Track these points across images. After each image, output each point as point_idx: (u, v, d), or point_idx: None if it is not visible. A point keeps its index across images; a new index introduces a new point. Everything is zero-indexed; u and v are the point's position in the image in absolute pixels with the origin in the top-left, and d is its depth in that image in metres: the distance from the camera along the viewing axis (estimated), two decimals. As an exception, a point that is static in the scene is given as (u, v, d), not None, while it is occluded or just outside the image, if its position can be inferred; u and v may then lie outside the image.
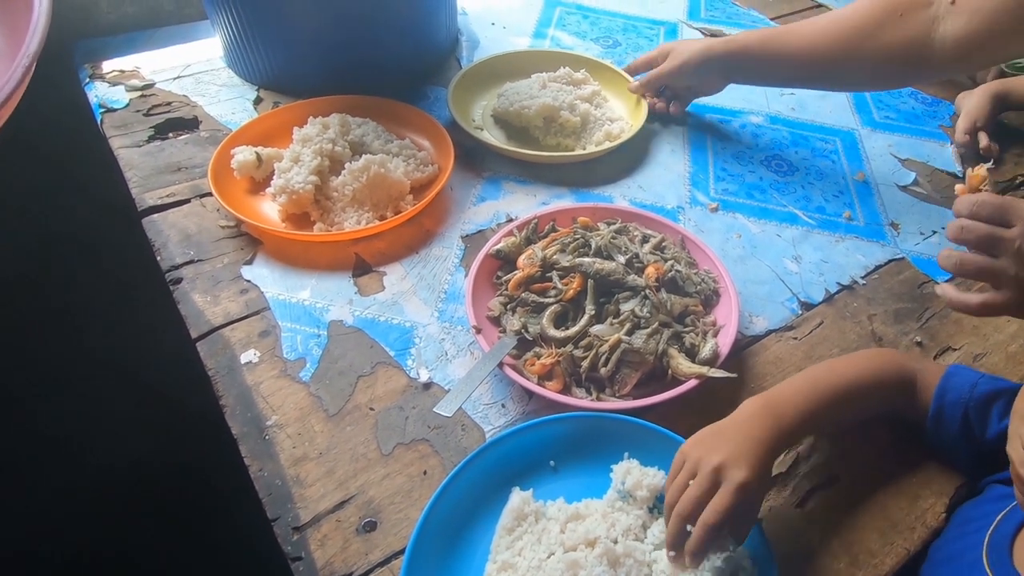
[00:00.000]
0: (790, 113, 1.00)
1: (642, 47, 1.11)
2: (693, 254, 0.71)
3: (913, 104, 1.06)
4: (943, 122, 1.02)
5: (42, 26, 0.42)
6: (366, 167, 0.69)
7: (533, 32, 1.10)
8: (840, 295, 0.73)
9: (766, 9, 1.27)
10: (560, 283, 0.64)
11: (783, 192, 0.85)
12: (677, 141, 0.92)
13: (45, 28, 0.42)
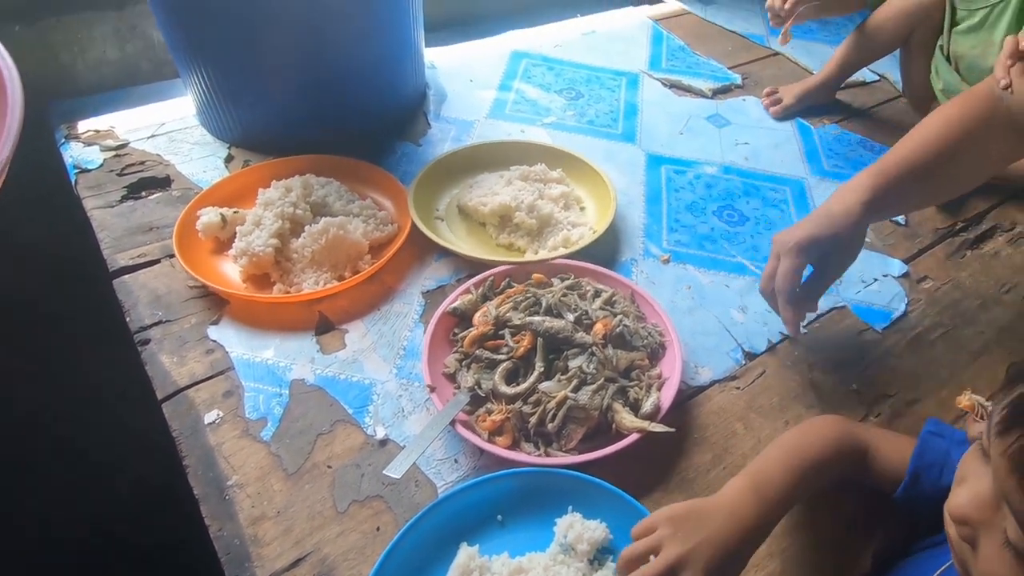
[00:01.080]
0: (743, 163, 1.06)
1: (604, 98, 1.17)
2: (642, 308, 0.76)
3: (861, 152, 1.12)
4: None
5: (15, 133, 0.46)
6: (325, 229, 0.74)
7: (499, 85, 1.17)
8: (782, 344, 0.78)
9: (725, 58, 1.34)
10: (512, 341, 0.68)
11: (733, 242, 0.91)
12: (635, 192, 0.98)
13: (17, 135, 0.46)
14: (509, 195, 0.84)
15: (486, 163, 0.94)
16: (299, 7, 0.83)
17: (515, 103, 1.13)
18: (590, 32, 1.36)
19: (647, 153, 1.05)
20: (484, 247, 0.84)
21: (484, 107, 1.11)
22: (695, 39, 1.40)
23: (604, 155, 1.03)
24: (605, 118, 1.12)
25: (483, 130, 1.06)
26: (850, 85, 1.27)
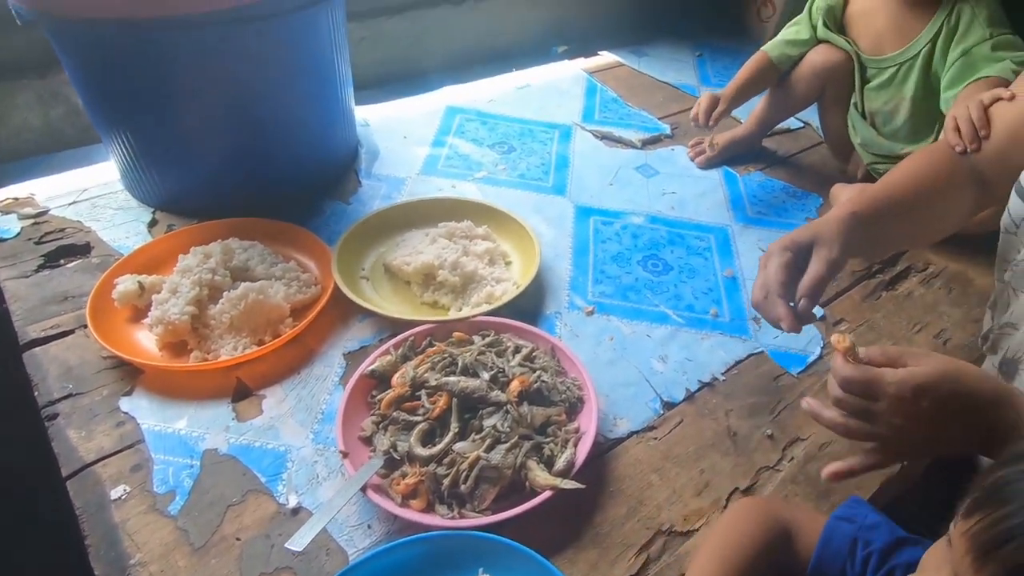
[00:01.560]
0: (670, 212, 1.13)
1: (536, 151, 1.24)
2: (562, 362, 0.80)
3: (784, 198, 1.21)
4: (810, 214, 1.16)
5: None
6: (244, 295, 0.77)
7: (433, 141, 1.23)
8: (701, 392, 0.82)
9: (656, 109, 1.43)
10: (428, 402, 0.71)
11: (656, 292, 0.96)
12: (563, 244, 1.03)
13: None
14: (433, 253, 0.88)
15: (413, 221, 0.99)
16: (220, 72, 0.88)
17: (448, 158, 1.19)
18: (525, 86, 1.45)
19: (576, 205, 1.11)
20: (408, 305, 0.88)
21: (417, 163, 1.17)
22: (628, 91, 1.50)
23: (534, 208, 1.09)
24: (536, 171, 1.19)
25: (414, 186, 1.11)
26: (775, 132, 1.36)
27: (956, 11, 1.00)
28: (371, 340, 0.83)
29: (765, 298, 0.71)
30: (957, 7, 1.00)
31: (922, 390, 0.54)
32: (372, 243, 0.95)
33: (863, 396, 0.57)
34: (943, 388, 0.55)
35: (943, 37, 1.01)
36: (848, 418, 0.59)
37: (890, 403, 0.55)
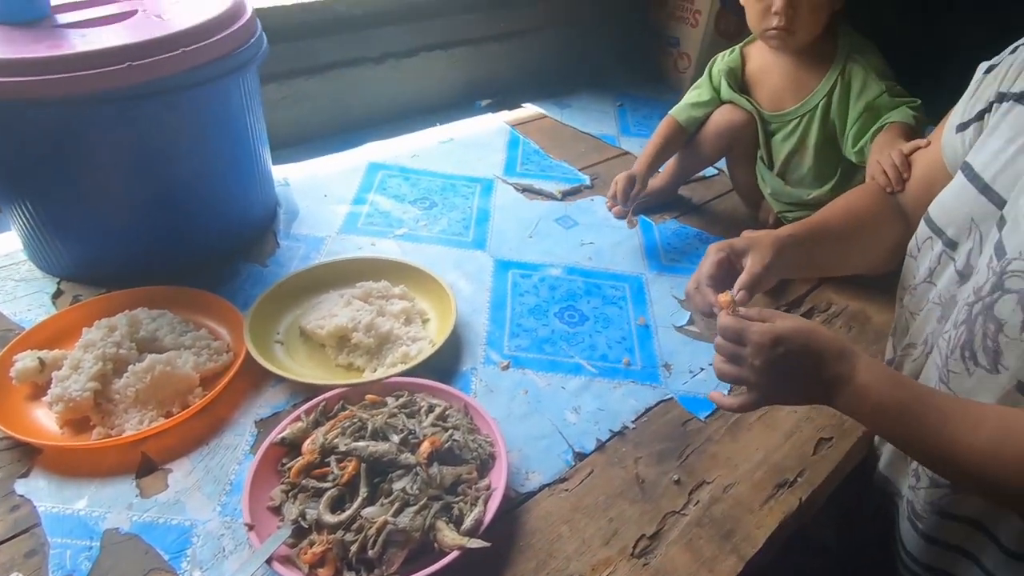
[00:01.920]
0: (587, 263, 1.19)
1: (457, 206, 1.30)
2: (475, 419, 0.84)
3: (698, 245, 1.29)
4: (718, 260, 1.25)
5: None
6: (150, 367, 0.78)
7: (354, 199, 1.27)
8: (611, 442, 0.87)
9: (577, 160, 1.52)
10: (337, 467, 0.74)
11: (572, 343, 1.02)
12: (481, 299, 1.08)
13: None
14: (347, 316, 0.92)
15: (330, 282, 1.02)
16: (126, 143, 0.90)
17: (368, 216, 1.24)
18: (448, 140, 1.52)
19: (496, 259, 1.17)
20: (323, 368, 0.91)
21: (337, 222, 1.21)
22: (550, 142, 1.58)
23: (453, 264, 1.14)
24: (457, 226, 1.24)
25: (334, 246, 1.15)
26: (691, 180, 1.46)
27: (847, 68, 1.14)
28: (284, 406, 0.85)
29: (696, 289, 0.83)
30: (847, 65, 1.14)
31: (779, 339, 0.67)
32: (288, 306, 0.98)
33: (734, 343, 0.70)
34: (796, 340, 0.67)
35: (839, 91, 1.14)
36: (723, 363, 0.72)
37: (753, 348, 0.68)
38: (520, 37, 1.77)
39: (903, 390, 0.65)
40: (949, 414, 0.63)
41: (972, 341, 0.69)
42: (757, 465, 0.87)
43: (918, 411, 0.64)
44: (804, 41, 1.13)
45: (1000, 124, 0.74)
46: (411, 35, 1.52)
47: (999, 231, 0.69)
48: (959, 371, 0.71)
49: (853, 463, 0.94)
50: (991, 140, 0.74)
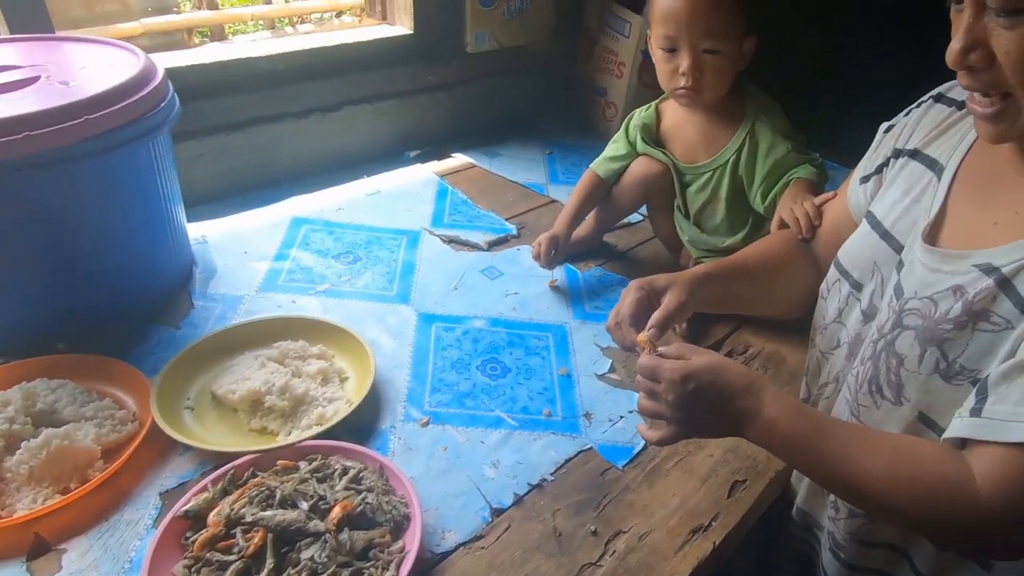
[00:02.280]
0: (511, 314, 1.23)
1: (382, 259, 1.33)
2: (390, 480, 0.85)
3: (621, 291, 1.35)
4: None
5: None
6: (46, 442, 0.77)
7: (275, 255, 1.29)
8: (530, 495, 0.90)
9: (505, 210, 1.58)
10: (243, 539, 0.74)
11: (493, 396, 1.05)
12: (403, 355, 1.10)
13: None
14: (261, 379, 0.93)
15: (245, 343, 1.03)
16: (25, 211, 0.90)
17: (290, 272, 1.25)
18: (375, 192, 1.55)
19: (419, 313, 1.20)
20: (235, 434, 0.91)
21: (256, 280, 1.22)
22: (479, 192, 1.64)
23: (376, 319, 1.16)
24: (381, 280, 1.27)
25: (252, 305, 1.16)
26: (616, 228, 1.54)
27: (755, 127, 1.24)
28: (191, 475, 0.85)
29: (617, 325, 0.93)
30: (755, 124, 1.24)
31: (689, 376, 0.73)
32: (200, 370, 0.98)
33: (651, 380, 0.77)
34: (705, 376, 0.73)
35: (747, 148, 1.24)
36: (643, 399, 0.79)
37: (666, 384, 0.74)
38: (449, 89, 1.84)
39: (807, 421, 0.71)
40: (849, 443, 0.69)
41: (877, 376, 0.77)
42: (673, 511, 0.91)
43: (820, 441, 0.70)
44: (711, 100, 1.23)
45: (897, 177, 0.84)
46: (336, 90, 1.57)
47: (898, 273, 0.77)
48: (868, 404, 0.79)
49: (768, 503, 0.99)
50: (890, 191, 0.84)
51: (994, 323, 0.65)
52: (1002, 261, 0.65)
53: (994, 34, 0.61)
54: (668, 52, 1.19)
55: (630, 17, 1.85)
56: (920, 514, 0.65)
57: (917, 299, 0.72)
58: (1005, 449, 0.60)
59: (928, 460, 0.65)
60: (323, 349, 1.03)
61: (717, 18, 1.13)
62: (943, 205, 0.76)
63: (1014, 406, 0.60)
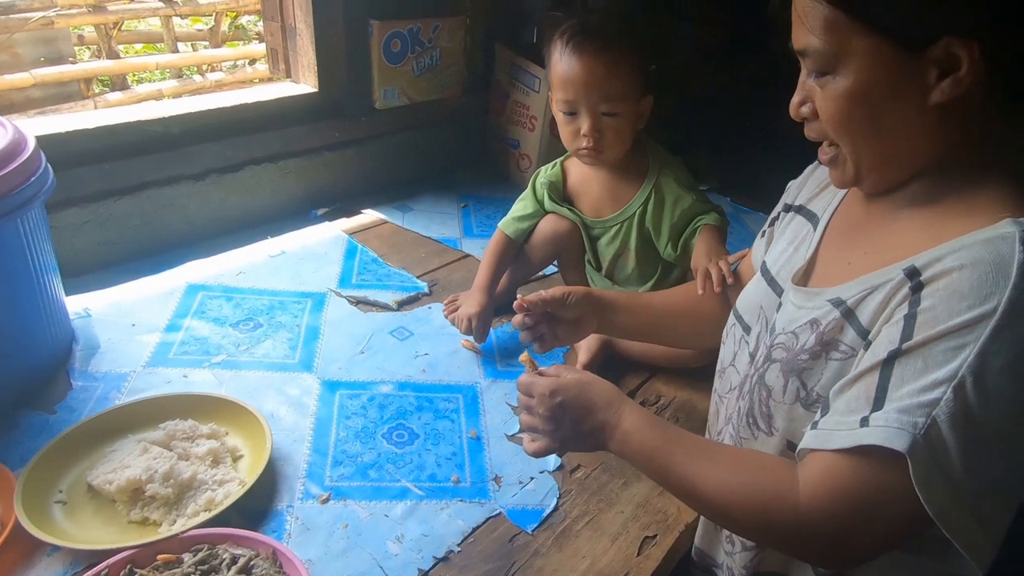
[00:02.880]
0: (421, 376, 1.24)
1: (285, 325, 1.32)
2: (285, 567, 0.83)
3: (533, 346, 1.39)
4: (556, 361, 1.35)
5: None
6: None
7: (167, 326, 1.26)
8: (435, 570, 0.90)
9: (417, 266, 1.60)
10: (114, 646, 0.70)
11: (399, 465, 1.05)
12: (304, 427, 1.09)
13: None
14: (142, 466, 0.90)
15: (129, 426, 1.00)
16: None
17: (183, 344, 1.22)
18: (279, 254, 1.55)
19: (323, 380, 1.19)
20: (112, 527, 0.87)
21: (145, 354, 1.18)
22: (390, 248, 1.66)
23: (276, 390, 1.15)
24: (283, 347, 1.26)
25: (139, 382, 1.12)
26: (529, 281, 1.58)
27: (658, 181, 1.33)
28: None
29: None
30: (659, 178, 1.33)
31: (557, 390, 0.81)
32: (75, 459, 0.94)
33: (527, 395, 0.85)
34: (571, 391, 0.81)
35: (653, 200, 1.33)
36: (522, 413, 0.86)
37: (537, 399, 0.82)
38: (359, 144, 1.87)
39: (659, 432, 0.79)
40: (694, 453, 0.77)
41: (752, 408, 0.84)
42: (582, 575, 0.93)
43: (669, 451, 0.77)
44: (613, 159, 1.31)
45: (786, 230, 0.95)
46: (236, 150, 1.57)
47: (776, 313, 0.85)
48: (747, 437, 0.86)
49: (679, 556, 1.02)
50: (779, 243, 0.95)
51: (842, 351, 0.73)
52: (848, 295, 0.73)
53: (815, 92, 0.72)
54: (569, 115, 1.27)
55: (539, 72, 1.95)
56: (749, 521, 0.73)
57: (783, 334, 0.80)
58: (827, 456, 0.67)
59: (759, 469, 0.73)
60: (214, 427, 1.00)
61: (613, 83, 1.22)
62: (815, 252, 0.85)
63: (840, 416, 0.67)
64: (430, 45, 1.89)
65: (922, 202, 0.73)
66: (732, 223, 2.02)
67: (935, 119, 0.68)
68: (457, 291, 1.49)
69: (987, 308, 0.60)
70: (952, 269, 0.63)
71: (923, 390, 0.61)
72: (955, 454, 0.60)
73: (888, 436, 0.61)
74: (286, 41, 1.74)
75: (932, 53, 0.64)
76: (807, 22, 0.68)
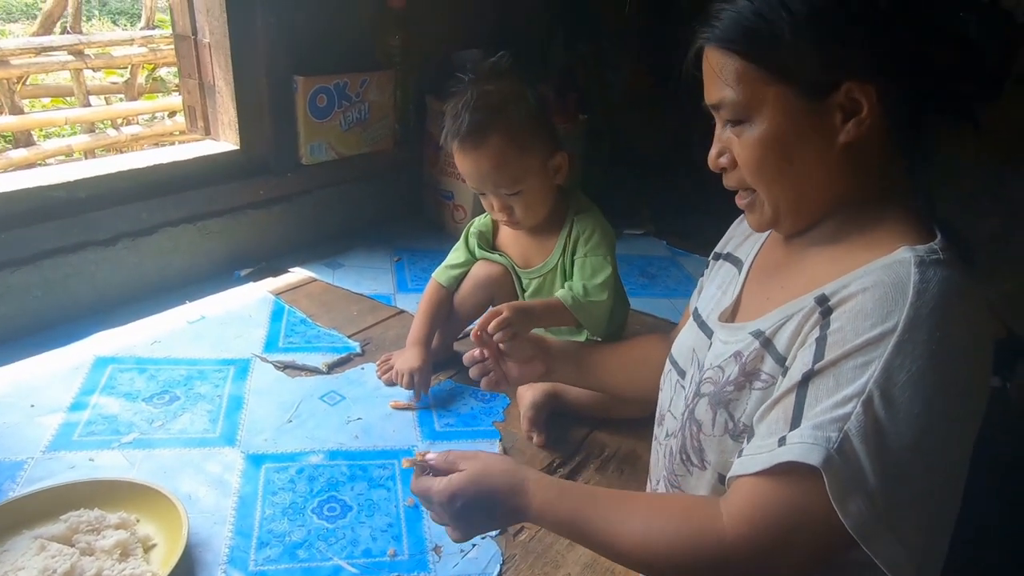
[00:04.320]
0: (353, 443, 1.20)
1: (205, 396, 1.26)
2: (200, 667, 0.77)
3: (473, 404, 1.37)
4: (496, 417, 1.33)
5: None
6: None
7: (71, 405, 1.18)
8: (370, 658, 0.85)
9: (349, 325, 1.56)
10: None
11: (331, 542, 1.00)
12: (226, 508, 1.03)
13: None
14: (39, 566, 0.83)
15: (24, 521, 0.92)
16: None
17: (89, 424, 1.15)
18: (199, 319, 1.49)
19: (246, 454, 1.13)
20: (3, 639, 0.79)
21: (44, 438, 1.11)
22: (320, 308, 1.62)
23: (194, 469, 1.09)
24: (202, 421, 1.20)
25: (37, 470, 1.04)
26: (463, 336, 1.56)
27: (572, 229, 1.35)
28: None
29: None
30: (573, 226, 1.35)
31: (454, 496, 0.79)
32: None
33: (426, 504, 0.84)
34: (470, 490, 0.80)
35: (570, 249, 1.35)
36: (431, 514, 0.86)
37: (437, 507, 0.82)
38: (286, 201, 1.85)
39: (571, 501, 0.79)
40: (610, 510, 0.77)
41: (685, 444, 0.85)
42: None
43: (584, 516, 0.77)
44: (532, 224, 1.35)
45: (715, 276, 0.99)
46: (150, 212, 1.52)
47: (708, 352, 0.87)
48: (682, 473, 0.87)
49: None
50: (708, 288, 0.99)
51: (763, 380, 0.75)
52: (766, 325, 0.77)
53: (732, 143, 0.77)
54: (481, 194, 1.33)
55: (468, 123, 1.99)
56: (678, 563, 0.72)
57: (711, 368, 0.83)
58: (749, 480, 0.68)
59: (678, 511, 0.74)
60: (123, 516, 0.93)
61: (504, 173, 1.26)
62: (740, 292, 0.89)
63: (760, 439, 0.69)
64: (358, 99, 1.90)
65: (830, 238, 0.78)
66: (669, 266, 2.13)
67: (841, 159, 0.73)
68: (391, 349, 1.46)
69: (889, 325, 0.64)
70: (857, 292, 0.68)
71: (835, 406, 0.64)
72: (868, 467, 0.62)
73: (803, 452, 0.63)
74: (204, 99, 1.71)
75: (835, 98, 0.70)
76: (721, 76, 0.73)
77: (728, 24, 0.72)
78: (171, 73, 4.66)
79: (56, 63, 3.80)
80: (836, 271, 0.72)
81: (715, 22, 0.73)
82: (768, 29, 0.70)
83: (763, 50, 0.70)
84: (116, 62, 4.10)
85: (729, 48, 0.72)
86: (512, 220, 1.32)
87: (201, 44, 1.64)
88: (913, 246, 0.68)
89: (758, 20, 0.70)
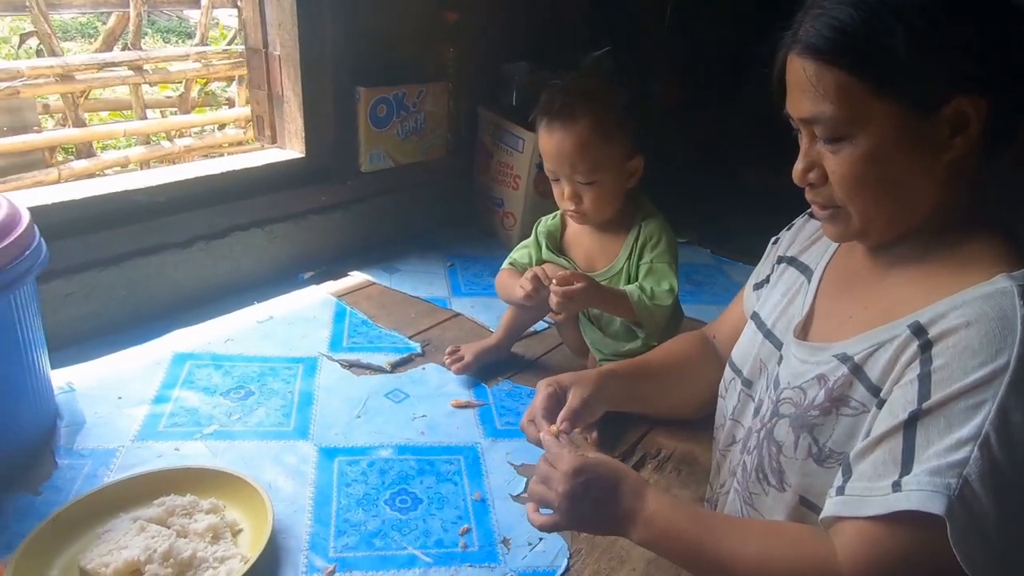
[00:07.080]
0: (420, 439, 1.23)
1: (277, 392, 1.30)
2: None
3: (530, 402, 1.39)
4: (554, 417, 1.35)
5: None
6: None
7: (154, 398, 1.24)
8: (449, 643, 0.88)
9: (408, 327, 1.60)
10: None
11: (404, 532, 1.03)
12: (303, 497, 1.06)
13: None
14: (140, 546, 0.87)
15: (121, 504, 0.97)
16: None
17: (172, 416, 1.20)
18: (267, 319, 1.54)
19: (320, 448, 1.17)
20: (107, 614, 0.83)
21: (132, 428, 1.16)
22: (379, 310, 1.66)
23: (273, 459, 1.13)
24: (276, 415, 1.24)
25: (129, 458, 1.09)
26: (523, 337, 1.59)
27: (640, 235, 1.36)
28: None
29: (531, 422, 1.00)
30: (640, 232, 1.36)
31: (582, 469, 0.79)
32: (65, 542, 0.91)
33: (550, 466, 0.82)
34: (597, 471, 0.80)
35: (636, 254, 1.37)
36: (536, 483, 0.83)
37: (560, 474, 0.80)
38: (343, 208, 1.90)
39: (684, 515, 0.78)
40: (723, 531, 0.76)
41: (762, 464, 0.84)
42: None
43: (697, 532, 0.76)
44: (597, 221, 1.37)
45: (778, 282, 0.97)
46: (222, 216, 1.59)
47: (778, 367, 0.86)
48: (758, 492, 0.85)
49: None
50: (772, 294, 0.96)
51: (853, 407, 0.74)
52: (855, 350, 0.75)
53: (824, 158, 0.74)
54: (554, 180, 1.34)
55: (522, 133, 2.02)
56: None
57: (790, 388, 0.81)
58: (862, 523, 0.67)
59: (794, 542, 0.73)
60: (214, 502, 0.98)
61: (584, 157, 1.28)
62: (812, 305, 0.87)
63: (868, 481, 0.68)
64: (415, 109, 1.95)
65: (918, 257, 0.76)
66: (715, 273, 2.13)
67: (944, 176, 0.70)
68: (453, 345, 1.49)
69: (999, 364, 0.62)
70: (959, 327, 0.65)
71: (949, 450, 0.63)
72: (989, 510, 0.61)
73: (923, 500, 0.62)
74: (272, 108, 1.78)
75: (944, 113, 0.67)
76: (819, 89, 0.69)
77: (830, 35, 0.68)
78: (221, 87, 4.81)
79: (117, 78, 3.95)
80: (926, 295, 0.70)
81: (811, 32, 0.70)
82: (879, 42, 0.66)
83: (873, 64, 0.67)
84: (172, 77, 4.25)
85: (831, 61, 0.68)
86: (579, 211, 1.33)
87: (272, 56, 1.71)
88: (1010, 273, 0.66)
89: (867, 32, 0.66)
